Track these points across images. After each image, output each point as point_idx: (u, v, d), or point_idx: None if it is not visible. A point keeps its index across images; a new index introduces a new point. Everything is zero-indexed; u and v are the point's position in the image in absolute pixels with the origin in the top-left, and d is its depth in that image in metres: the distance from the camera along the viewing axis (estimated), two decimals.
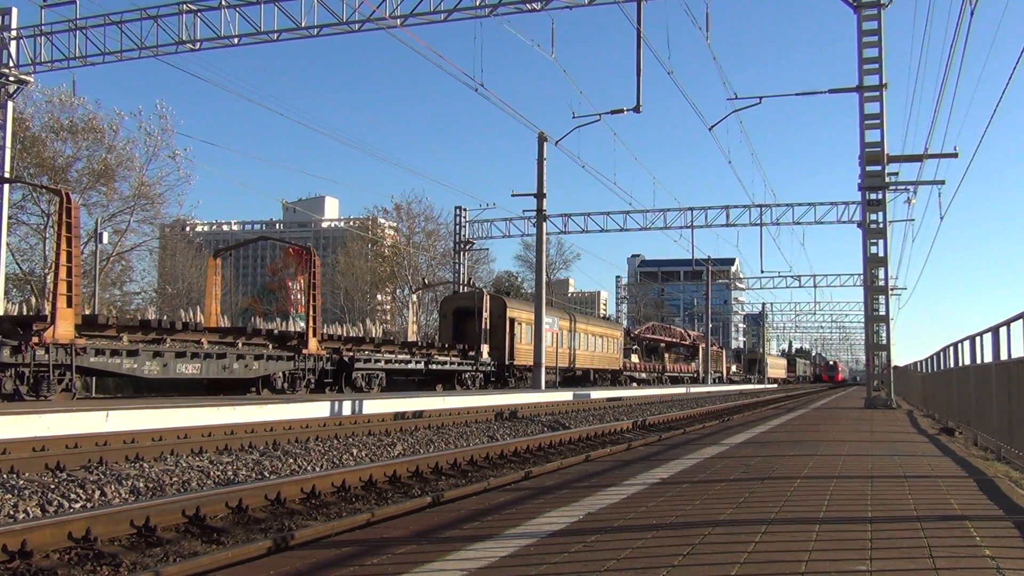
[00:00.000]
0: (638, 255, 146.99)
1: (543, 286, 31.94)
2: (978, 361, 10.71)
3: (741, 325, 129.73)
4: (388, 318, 61.85)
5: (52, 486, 7.59)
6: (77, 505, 7.10)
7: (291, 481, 7.56)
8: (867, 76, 20.13)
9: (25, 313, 29.40)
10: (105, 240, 32.18)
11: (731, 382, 71.52)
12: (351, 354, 22.92)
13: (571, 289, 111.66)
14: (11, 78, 25.36)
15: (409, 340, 32.55)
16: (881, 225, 20.61)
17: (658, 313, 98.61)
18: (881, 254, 20.65)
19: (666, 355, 62.20)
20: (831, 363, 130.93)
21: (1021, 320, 7.82)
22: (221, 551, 5.29)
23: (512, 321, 33.71)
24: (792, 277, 58.37)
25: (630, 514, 5.07)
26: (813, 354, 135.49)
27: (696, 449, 9.33)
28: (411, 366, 25.87)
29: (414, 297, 46.50)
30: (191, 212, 52.50)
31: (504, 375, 32.60)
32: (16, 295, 36.27)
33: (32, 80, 26.54)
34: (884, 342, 22.45)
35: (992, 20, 32.02)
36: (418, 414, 17.31)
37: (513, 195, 32.09)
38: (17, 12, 25.70)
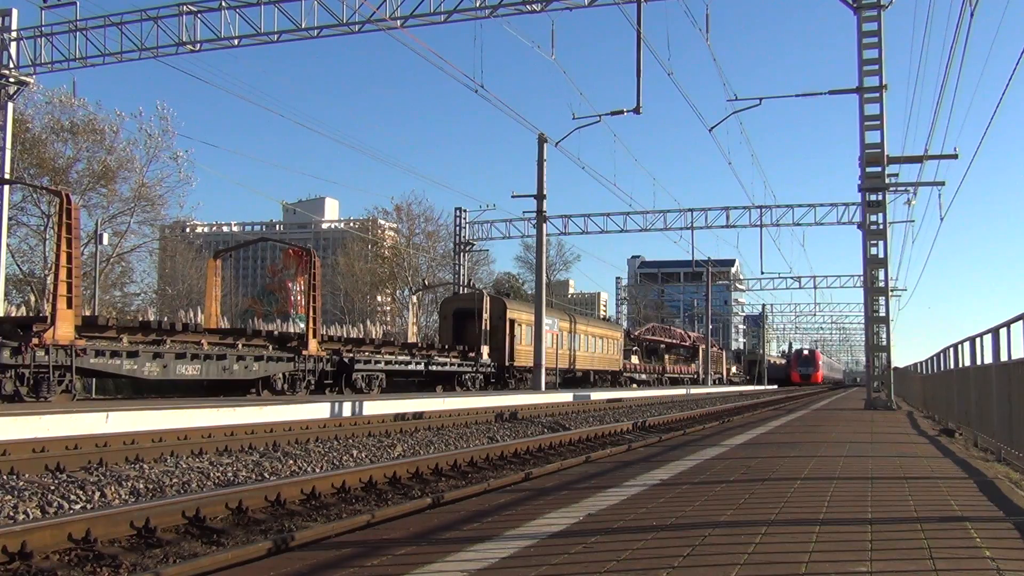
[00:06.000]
0: (638, 256, 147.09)
1: (543, 287, 31.94)
2: (978, 362, 10.70)
3: (741, 326, 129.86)
4: (388, 319, 61.81)
5: (52, 487, 7.58)
6: (77, 506, 7.09)
7: (291, 482, 7.56)
8: (867, 77, 20.12)
9: (25, 314, 29.42)
10: (105, 241, 32.26)
11: (731, 383, 71.51)
12: (351, 355, 22.92)
13: (571, 290, 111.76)
14: (11, 79, 25.38)
15: (409, 341, 32.51)
16: (881, 226, 20.60)
17: (658, 314, 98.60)
18: (881, 255, 20.64)
19: (666, 356, 62.22)
20: (804, 352, 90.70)
21: (1021, 321, 7.82)
22: (221, 552, 5.29)
23: (512, 322, 33.72)
24: (792, 278, 58.41)
25: (630, 515, 5.07)
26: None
27: (696, 450, 9.32)
28: (411, 367, 25.87)
29: (414, 298, 46.42)
30: (191, 213, 52.49)
31: (504, 376, 32.60)
32: (16, 296, 36.28)
33: (32, 81, 26.58)
34: (884, 343, 22.42)
35: (992, 20, 31.97)
36: (418, 415, 17.30)
37: (513, 196, 31.98)
38: (17, 13, 25.76)
